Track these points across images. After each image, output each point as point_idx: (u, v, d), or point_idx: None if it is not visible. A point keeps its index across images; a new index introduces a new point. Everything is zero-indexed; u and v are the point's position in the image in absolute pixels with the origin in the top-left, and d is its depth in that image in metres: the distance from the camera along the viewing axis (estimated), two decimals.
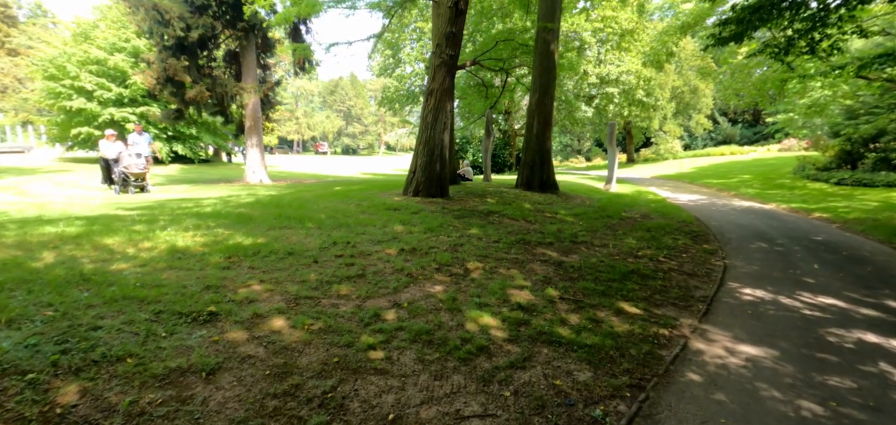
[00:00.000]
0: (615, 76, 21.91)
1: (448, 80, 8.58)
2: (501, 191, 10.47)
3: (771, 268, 5.90)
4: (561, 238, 6.43)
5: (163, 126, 23.46)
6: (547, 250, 5.72)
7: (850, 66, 9.76)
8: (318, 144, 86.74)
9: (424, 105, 8.72)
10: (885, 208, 10.54)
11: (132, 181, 11.14)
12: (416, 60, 24.38)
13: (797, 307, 4.42)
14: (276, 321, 3.10)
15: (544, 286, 4.41)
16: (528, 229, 6.78)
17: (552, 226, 7.16)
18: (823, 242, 7.63)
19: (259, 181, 15.10)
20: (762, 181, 18.22)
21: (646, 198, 13.08)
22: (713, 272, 5.58)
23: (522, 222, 7.34)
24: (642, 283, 4.82)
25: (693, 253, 6.54)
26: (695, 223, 9.17)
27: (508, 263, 4.96)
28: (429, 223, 6.27)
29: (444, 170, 8.80)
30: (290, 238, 5.05)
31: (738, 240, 7.74)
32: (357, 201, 7.83)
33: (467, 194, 9.46)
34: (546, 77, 10.59)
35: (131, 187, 11.09)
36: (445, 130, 8.77)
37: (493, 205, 8.28)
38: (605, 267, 5.25)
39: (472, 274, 4.53)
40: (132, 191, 11.04)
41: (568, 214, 8.60)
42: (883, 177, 13.66)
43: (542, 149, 10.82)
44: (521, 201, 9.22)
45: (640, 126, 32.83)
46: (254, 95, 14.22)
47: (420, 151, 8.66)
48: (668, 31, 18.44)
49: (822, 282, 5.33)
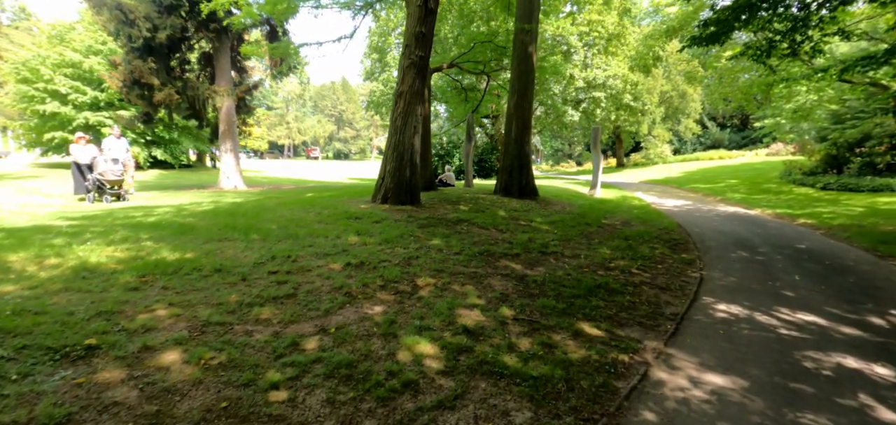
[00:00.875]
0: (602, 80, 21.72)
1: (418, 82, 8.20)
2: (479, 197, 10.10)
3: (750, 280, 5.56)
4: (529, 248, 6.05)
5: (141, 130, 22.86)
6: (511, 262, 5.33)
7: (833, 70, 9.54)
8: (310, 149, 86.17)
9: (394, 108, 8.34)
10: (870, 214, 10.31)
11: (108, 189, 10.34)
12: None
13: (773, 326, 4.06)
14: (169, 355, 2.67)
15: (499, 305, 4.01)
16: (496, 239, 6.40)
17: (523, 236, 6.78)
18: (806, 250, 7.33)
19: (233, 187, 14.61)
20: (749, 186, 18.05)
21: (629, 204, 12.78)
22: (688, 285, 5.22)
23: (492, 231, 6.96)
24: (609, 299, 4.44)
25: (669, 263, 6.19)
26: (676, 230, 8.85)
27: (464, 278, 4.56)
28: (388, 233, 5.86)
29: (415, 176, 8.41)
30: (226, 252, 4.61)
31: (719, 249, 7.42)
32: (320, 209, 7.41)
33: (441, 201, 9.07)
34: (524, 80, 10.26)
35: (107, 195, 10.30)
36: (416, 134, 8.39)
37: (464, 213, 7.89)
38: (571, 281, 4.87)
39: (421, 291, 4.12)
40: (108, 199, 10.27)
41: (543, 222, 8.24)
42: (868, 182, 13.50)
43: (520, 153, 10.47)
44: (496, 208, 8.84)
45: (629, 130, 32.73)
46: (227, 99, 13.76)
47: (389, 157, 8.27)
48: (653, 35, 18.30)
49: (802, 295, 4.99)
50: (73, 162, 10.97)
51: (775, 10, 7.21)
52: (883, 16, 12.32)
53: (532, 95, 10.41)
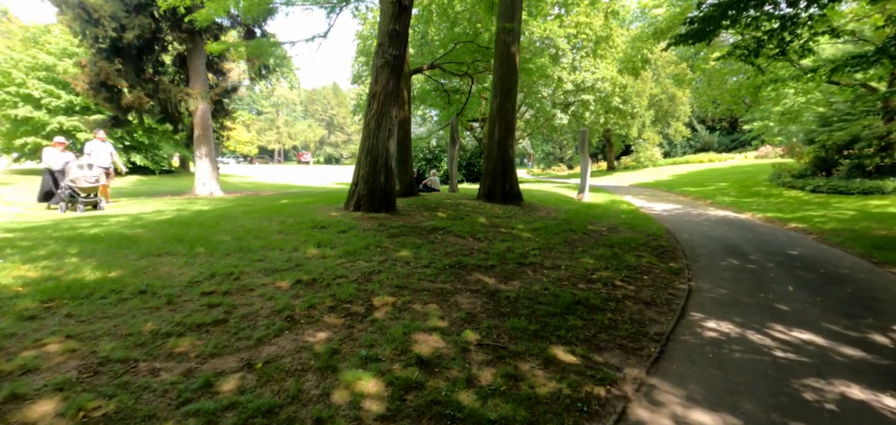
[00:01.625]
0: (591, 83, 21.48)
1: (392, 83, 7.77)
2: (461, 202, 9.67)
3: (741, 292, 5.18)
4: (506, 259, 5.62)
5: (119, 135, 22.15)
6: (484, 276, 4.89)
7: (822, 70, 9.28)
8: (301, 154, 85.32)
9: (367, 110, 7.89)
10: (862, 217, 10.06)
11: (82, 197, 9.57)
12: None
13: (768, 347, 3.66)
14: (43, 404, 2.18)
15: (463, 327, 3.57)
16: (471, 249, 5.96)
17: (501, 245, 6.36)
18: (799, 257, 6.99)
19: (209, 193, 14.04)
20: (738, 189, 17.85)
21: (617, 209, 12.44)
22: (675, 299, 4.82)
23: (469, 240, 6.52)
24: (587, 318, 4.02)
25: (656, 274, 5.80)
26: (664, 237, 8.49)
27: (429, 296, 4.11)
28: (353, 244, 5.40)
29: (390, 181, 7.96)
30: (160, 269, 4.12)
31: (709, 256, 7.05)
32: (286, 217, 6.92)
33: (420, 207, 8.63)
34: (507, 81, 9.88)
35: (80, 204, 9.52)
36: (391, 137, 7.94)
37: (441, 220, 7.45)
38: (547, 296, 4.44)
39: (376, 312, 3.66)
40: (81, 208, 9.49)
41: (526, 229, 7.82)
42: (858, 185, 13.31)
43: (504, 157, 10.07)
44: (476, 215, 8.42)
45: (619, 134, 32.60)
46: (202, 102, 13.21)
47: (362, 161, 7.81)
48: (641, 37, 18.09)
49: (797, 308, 4.61)
50: (46, 168, 10.28)
51: (763, 7, 6.89)
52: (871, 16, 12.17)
53: (515, 97, 10.03)
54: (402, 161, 10.52)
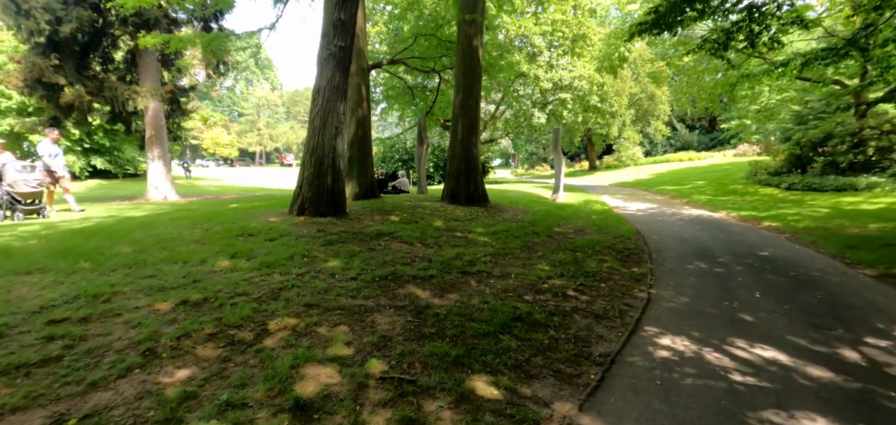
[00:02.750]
0: (568, 81, 21.16)
1: (339, 77, 7.17)
2: (422, 205, 9.11)
3: (704, 300, 4.72)
4: (450, 268, 5.07)
5: (78, 136, 21.02)
6: (418, 288, 4.33)
7: (793, 64, 9.00)
8: (283, 155, 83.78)
9: (311, 106, 7.28)
10: (835, 215, 9.81)
11: (23, 204, 8.70)
12: None
13: (725, 369, 3.18)
14: None
15: (370, 355, 3.00)
16: (414, 257, 5.40)
17: (451, 251, 5.81)
18: (770, 259, 6.60)
19: (163, 198, 13.20)
20: (715, 187, 17.67)
21: (590, 209, 12.03)
22: (630, 310, 4.33)
23: (416, 246, 5.96)
24: (525, 337, 3.49)
25: (616, 280, 5.32)
26: (632, 238, 8.06)
27: (342, 316, 3.54)
28: (276, 254, 4.79)
29: (338, 183, 7.35)
30: (16, 290, 3.46)
31: (676, 259, 6.62)
32: (217, 224, 6.26)
33: (375, 210, 8.04)
34: (470, 76, 9.36)
35: (19, 212, 8.63)
36: (339, 136, 7.34)
37: (392, 225, 6.88)
38: (485, 311, 3.90)
39: (268, 339, 3.07)
40: (20, 216, 8.62)
41: (484, 233, 7.30)
42: (831, 182, 13.17)
43: (468, 156, 9.54)
44: (433, 218, 7.86)
45: (600, 133, 32.47)
46: (152, 100, 12.39)
47: (306, 162, 7.19)
48: (617, 34, 17.80)
49: (762, 319, 4.16)
50: None
51: None
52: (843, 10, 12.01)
53: (479, 93, 9.53)
54: (362, 161, 9.92)
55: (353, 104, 9.88)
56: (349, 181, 9.89)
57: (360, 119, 9.85)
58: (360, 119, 9.85)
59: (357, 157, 9.88)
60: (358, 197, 9.75)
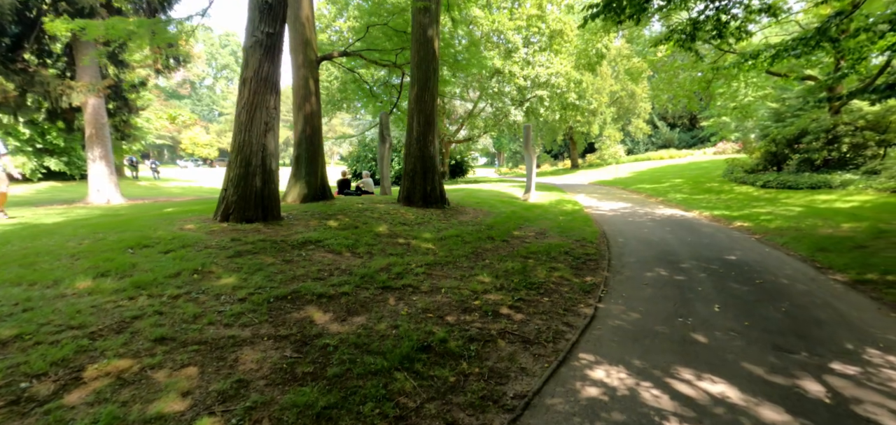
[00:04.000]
0: (545, 78, 20.66)
1: (267, 67, 6.45)
2: (373, 207, 8.42)
3: (656, 316, 4.15)
4: (371, 282, 4.42)
5: (27, 136, 19.76)
6: (319, 311, 3.67)
7: (764, 56, 8.56)
8: None
9: (238, 99, 6.54)
10: (809, 214, 9.43)
11: None
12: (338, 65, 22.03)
13: (662, 412, 2.58)
14: None
15: (209, 409, 2.33)
16: (333, 270, 4.73)
17: (381, 261, 5.15)
18: (736, 264, 6.10)
19: (105, 201, 12.28)
20: (692, 185, 17.35)
21: (560, 209, 11.50)
22: (568, 332, 3.73)
23: (344, 256, 5.29)
24: (427, 374, 2.86)
25: (563, 293, 4.73)
26: (596, 242, 7.51)
27: (198, 352, 2.85)
28: (162, 271, 4.07)
29: (269, 185, 6.62)
30: None
31: (636, 266, 6.07)
32: (118, 233, 5.50)
33: (315, 214, 7.33)
34: (425, 68, 8.71)
35: None
36: (269, 132, 6.61)
37: (326, 232, 6.19)
38: (389, 339, 3.26)
39: (74, 393, 2.37)
40: None
41: (431, 239, 6.65)
42: (806, 179, 12.87)
43: (424, 155, 8.89)
44: (378, 223, 7.19)
45: (581, 131, 32.15)
46: (90, 96, 11.45)
47: (233, 162, 6.46)
48: (591, 29, 17.35)
49: (717, 340, 3.60)
50: None
51: None
52: None
53: (436, 87, 8.89)
54: (311, 161, 9.19)
55: (299, 98, 9.15)
56: (296, 182, 9.16)
57: (308, 115, 9.12)
58: (308, 115, 9.12)
59: (305, 157, 9.15)
60: (307, 199, 9.03)
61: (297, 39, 8.95)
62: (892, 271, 5.40)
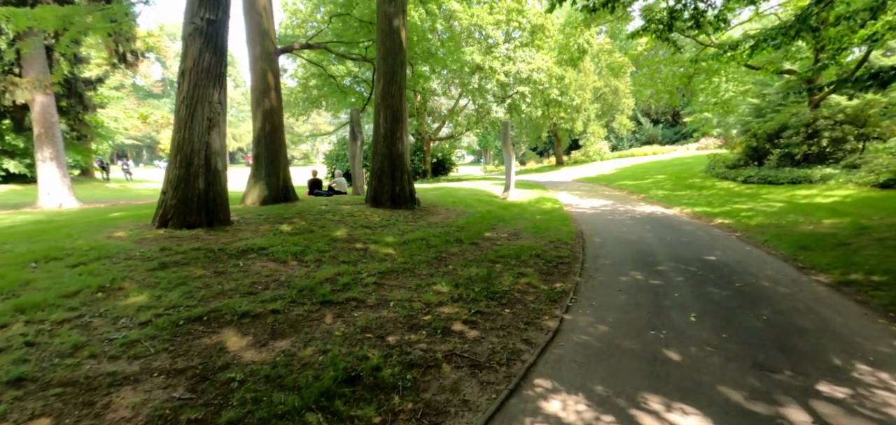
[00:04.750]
0: (526, 74, 20.28)
1: (208, 57, 5.87)
2: (337, 209, 7.89)
3: (627, 328, 3.74)
4: (309, 297, 3.91)
5: None
6: (237, 334, 3.16)
7: (743, 46, 8.27)
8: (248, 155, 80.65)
9: (177, 94, 5.95)
10: (790, 209, 9.19)
11: None
12: None
13: None
14: None
15: None
16: (271, 282, 4.21)
17: (329, 270, 4.64)
18: (716, 266, 5.75)
19: (58, 205, 11.49)
20: (674, 181, 17.16)
21: (538, 208, 11.11)
22: (525, 352, 3.28)
23: (290, 265, 4.77)
24: (347, 414, 2.37)
25: (527, 302, 4.29)
26: (571, 243, 7.11)
27: (62, 396, 2.33)
28: (60, 289, 3.51)
29: (215, 186, 6.05)
30: None
31: (611, 269, 5.68)
32: (31, 242, 4.88)
33: (268, 217, 6.77)
34: (391, 61, 8.20)
35: None
36: (214, 129, 6.04)
37: (274, 238, 5.65)
38: (311, 369, 2.77)
39: None
40: None
41: (393, 243, 6.16)
42: (787, 174, 12.72)
43: (392, 153, 8.37)
44: (337, 226, 6.67)
45: (565, 127, 31.94)
46: (36, 93, 10.65)
47: (172, 162, 5.87)
48: (571, 23, 17.02)
49: (692, 358, 3.20)
50: None
51: None
52: None
53: (403, 80, 8.37)
54: (271, 160, 8.61)
55: (258, 93, 8.55)
56: (256, 183, 8.57)
57: (267, 111, 8.53)
58: (267, 111, 8.53)
59: (265, 155, 8.56)
60: (267, 201, 8.45)
61: (253, 30, 8.36)
62: (876, 271, 5.09)
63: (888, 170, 10.12)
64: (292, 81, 22.91)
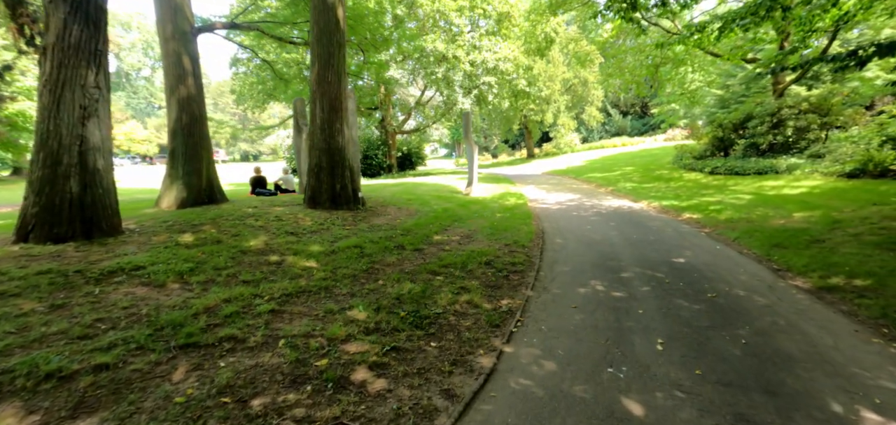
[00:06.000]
0: (492, 64, 19.50)
1: (78, 31, 4.73)
2: (265, 212, 6.85)
3: (578, 365, 2.97)
4: (165, 339, 2.95)
5: None
6: (9, 417, 2.18)
7: (711, 28, 7.70)
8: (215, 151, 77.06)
9: (39, 75, 4.79)
10: (759, 202, 8.79)
11: None
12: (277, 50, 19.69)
13: None
14: None
15: None
16: (124, 317, 3.22)
17: (216, 295, 3.67)
18: (686, 272, 5.10)
19: None
20: (642, 173, 16.84)
21: (500, 205, 10.37)
22: (441, 414, 2.45)
23: (166, 290, 3.77)
24: None
25: (462, 329, 3.47)
26: (529, 246, 6.36)
27: None
28: None
29: (94, 189, 4.93)
30: None
31: (570, 278, 4.94)
32: None
33: (171, 226, 5.68)
34: (327, 41, 7.19)
35: None
36: (90, 119, 4.91)
37: (163, 253, 4.61)
38: None
39: None
40: None
41: (318, 253, 5.22)
42: (753, 164, 12.46)
43: (331, 147, 7.37)
44: (254, 234, 5.66)
45: (535, 119, 31.48)
46: None
47: (35, 160, 4.73)
48: (537, 10, 16.32)
49: (658, 412, 2.44)
50: None
51: None
52: None
53: (342, 64, 7.38)
54: (191, 156, 7.46)
55: (171, 79, 7.37)
56: (172, 184, 7.41)
57: (184, 100, 7.36)
58: (184, 100, 7.36)
59: (183, 151, 7.40)
60: (186, 203, 7.30)
61: (163, 4, 7.15)
62: (857, 274, 4.55)
63: (853, 160, 9.89)
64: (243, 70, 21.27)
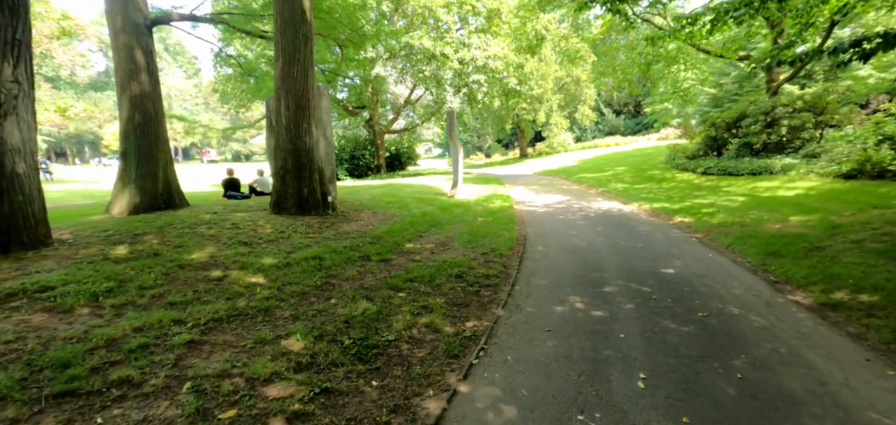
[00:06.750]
0: (482, 62, 19.01)
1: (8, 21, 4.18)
2: (221, 220, 6.31)
3: (545, 411, 2.48)
4: (37, 387, 2.43)
5: None
6: None
7: (703, 21, 7.26)
8: (204, 151, 76.27)
9: None
10: (752, 204, 8.37)
11: None
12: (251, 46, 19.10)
13: None
14: None
15: None
16: (6, 354, 2.68)
17: (129, 322, 3.15)
18: (675, 284, 4.63)
19: None
20: (634, 173, 16.43)
21: (484, 208, 9.88)
22: None
23: (71, 316, 3.24)
24: None
25: (414, 362, 2.97)
26: (507, 255, 5.87)
27: None
28: None
29: (14, 196, 4.38)
30: None
31: (547, 293, 4.45)
32: None
33: (110, 236, 5.14)
34: (292, 34, 6.65)
35: None
36: (7, 118, 4.36)
37: (84, 269, 4.07)
38: None
39: None
40: None
41: (269, 266, 4.69)
42: (747, 164, 12.07)
43: (297, 148, 6.84)
44: (202, 245, 5.12)
45: (527, 119, 31.05)
46: None
47: None
48: (526, 5, 15.85)
49: None
50: None
51: None
52: None
53: (309, 59, 6.84)
54: (145, 157, 6.90)
55: (123, 76, 6.80)
56: (124, 188, 6.84)
57: (136, 97, 6.79)
58: (136, 97, 6.79)
59: (135, 153, 6.83)
60: (140, 209, 6.74)
61: None
62: (863, 288, 4.11)
63: (850, 160, 9.50)
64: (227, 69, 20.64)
